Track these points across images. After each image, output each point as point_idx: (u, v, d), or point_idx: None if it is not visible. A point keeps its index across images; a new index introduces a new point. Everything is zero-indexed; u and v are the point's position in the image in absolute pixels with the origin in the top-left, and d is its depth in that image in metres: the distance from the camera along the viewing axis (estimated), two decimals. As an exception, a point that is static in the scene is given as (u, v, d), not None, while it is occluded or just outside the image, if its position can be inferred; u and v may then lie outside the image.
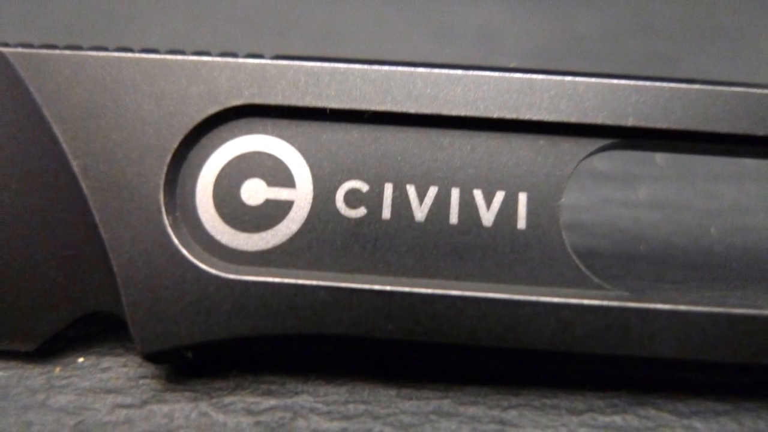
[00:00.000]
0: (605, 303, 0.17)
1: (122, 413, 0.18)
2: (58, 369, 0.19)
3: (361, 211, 0.18)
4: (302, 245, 0.18)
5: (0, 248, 0.19)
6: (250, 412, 0.18)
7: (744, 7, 0.40)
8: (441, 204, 0.18)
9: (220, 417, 0.18)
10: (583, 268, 0.18)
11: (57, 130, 0.19)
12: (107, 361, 0.20)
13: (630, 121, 0.18)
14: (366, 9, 0.40)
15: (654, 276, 0.23)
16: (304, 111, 0.19)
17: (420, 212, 0.18)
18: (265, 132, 0.19)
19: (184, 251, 0.18)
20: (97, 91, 0.19)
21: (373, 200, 0.18)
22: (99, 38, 0.24)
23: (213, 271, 0.18)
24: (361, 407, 0.18)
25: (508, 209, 0.18)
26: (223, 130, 0.19)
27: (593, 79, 0.18)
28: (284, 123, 0.19)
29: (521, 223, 0.18)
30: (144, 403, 0.19)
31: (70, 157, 0.18)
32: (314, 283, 0.18)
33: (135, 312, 0.18)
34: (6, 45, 0.19)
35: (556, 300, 0.17)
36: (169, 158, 0.18)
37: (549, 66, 0.19)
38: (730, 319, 0.17)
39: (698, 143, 0.19)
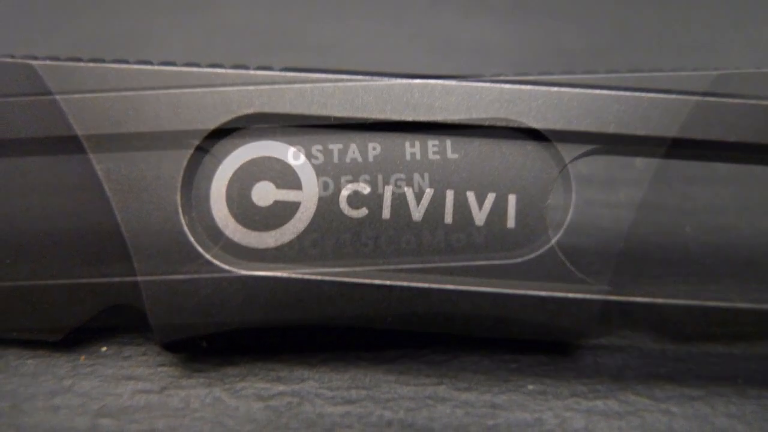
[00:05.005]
0: (588, 296, 0.17)
1: (142, 398, 0.18)
2: (83, 357, 0.20)
3: (363, 212, 0.18)
4: (308, 243, 0.18)
5: (30, 246, 0.19)
6: (260, 397, 0.18)
7: (718, 24, 0.40)
8: (436, 205, 0.18)
9: (233, 402, 0.18)
10: (567, 264, 0.18)
11: (82, 136, 0.19)
12: (128, 350, 0.20)
13: (612, 128, 0.18)
14: (367, 25, 0.40)
15: (633, 272, 0.23)
16: (310, 119, 0.19)
17: (417, 212, 0.18)
18: (274, 138, 0.19)
19: (200, 248, 0.18)
20: (119, 101, 0.19)
21: (374, 201, 0.18)
22: (120, 52, 0.24)
23: (226, 267, 0.18)
24: (363, 392, 0.18)
25: (499, 210, 0.18)
26: (235, 136, 0.19)
27: (578, 90, 0.18)
28: (292, 130, 0.19)
29: (511, 223, 0.18)
30: (162, 388, 0.19)
31: (93, 161, 0.18)
32: (319, 278, 0.18)
33: (154, 305, 0.18)
34: (35, 58, 0.19)
35: (542, 293, 0.17)
36: (185, 163, 0.18)
37: (537, 78, 0.19)
38: (704, 312, 0.17)
39: (675, 148, 0.19)
